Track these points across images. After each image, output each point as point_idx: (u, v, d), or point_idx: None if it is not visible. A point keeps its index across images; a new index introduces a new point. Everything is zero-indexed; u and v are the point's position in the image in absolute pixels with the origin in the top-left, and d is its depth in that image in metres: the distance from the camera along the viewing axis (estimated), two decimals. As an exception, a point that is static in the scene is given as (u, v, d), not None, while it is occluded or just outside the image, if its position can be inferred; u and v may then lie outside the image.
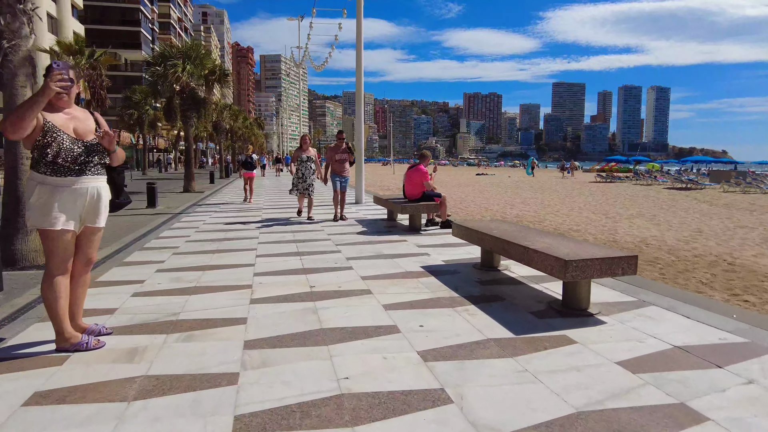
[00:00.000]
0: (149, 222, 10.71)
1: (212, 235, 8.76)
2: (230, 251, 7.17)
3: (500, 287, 5.12)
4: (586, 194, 26.65)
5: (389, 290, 4.98)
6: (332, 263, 6.29)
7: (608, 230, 12.84)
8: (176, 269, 6.04)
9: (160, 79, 18.11)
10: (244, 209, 13.15)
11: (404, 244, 7.61)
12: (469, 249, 7.16)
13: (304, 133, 10.98)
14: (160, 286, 5.23)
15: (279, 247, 7.48)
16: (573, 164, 57.01)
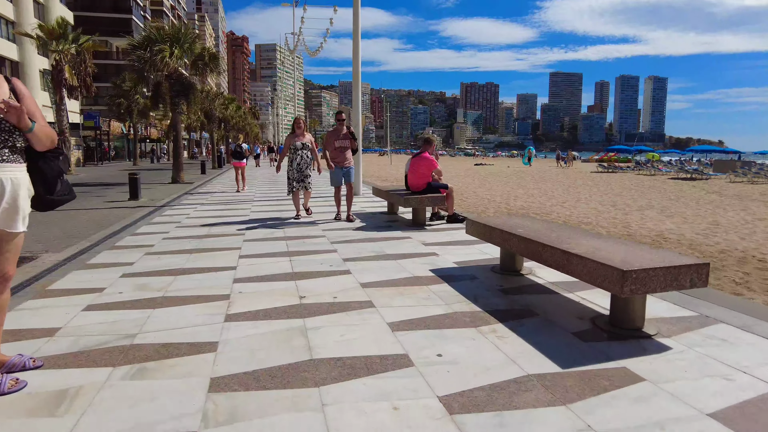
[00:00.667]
0: (127, 216, 9.81)
1: (194, 231, 7.88)
2: (211, 251, 6.29)
3: (528, 297, 4.27)
4: (590, 185, 25.85)
5: (395, 302, 4.12)
6: (327, 266, 5.43)
7: (621, 223, 12.02)
8: (145, 273, 5.17)
9: (146, 64, 17.08)
10: (233, 201, 12.26)
11: (408, 242, 6.75)
12: (482, 247, 6.31)
13: (297, 116, 9.78)
14: (121, 296, 4.36)
15: (267, 245, 6.61)
16: (570, 154, 56.08)
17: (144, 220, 9.21)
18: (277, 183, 18.71)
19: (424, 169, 8.06)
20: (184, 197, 13.53)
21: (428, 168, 8.08)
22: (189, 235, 7.44)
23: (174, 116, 19.08)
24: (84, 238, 7.36)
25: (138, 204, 11.93)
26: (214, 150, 36.24)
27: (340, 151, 8.62)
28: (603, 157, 63.45)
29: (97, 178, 23.39)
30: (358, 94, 13.54)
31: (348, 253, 6.09)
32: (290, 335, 3.41)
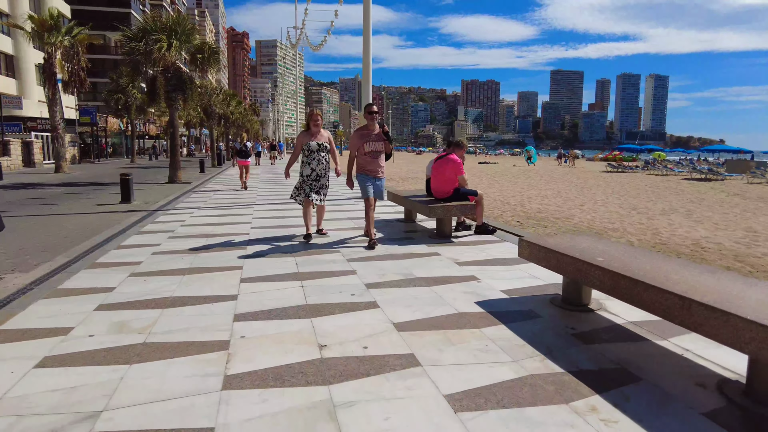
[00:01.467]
0: (116, 223, 8.83)
1: (189, 243, 6.90)
2: (207, 271, 5.32)
3: (616, 348, 3.30)
4: (603, 185, 24.88)
5: (445, 356, 3.16)
6: (347, 295, 4.45)
7: (649, 229, 11.05)
8: (126, 305, 4.20)
9: (141, 57, 16.06)
10: (233, 205, 11.28)
11: (438, 261, 5.78)
12: (528, 269, 5.34)
13: (312, 109, 7.58)
14: (90, 343, 3.39)
15: (272, 263, 5.63)
16: (572, 153, 54.99)
17: (134, 228, 8.23)
18: (279, 182, 17.73)
19: (451, 173, 7.09)
20: (181, 199, 12.55)
21: (455, 172, 7.10)
22: (183, 249, 6.47)
23: (170, 112, 18.07)
24: (62, 252, 6.39)
25: (129, 208, 10.95)
26: (214, 147, 35.21)
27: (372, 156, 6.58)
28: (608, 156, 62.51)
29: (91, 176, 22.40)
30: (368, 88, 12.56)
31: (370, 275, 5.12)
32: (313, 419, 2.44)
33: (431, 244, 6.67)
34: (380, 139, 6.60)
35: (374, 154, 6.59)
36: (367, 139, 6.59)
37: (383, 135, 6.62)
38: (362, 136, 6.61)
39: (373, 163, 6.59)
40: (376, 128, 6.63)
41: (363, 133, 6.63)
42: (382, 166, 6.67)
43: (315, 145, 6.92)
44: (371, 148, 6.59)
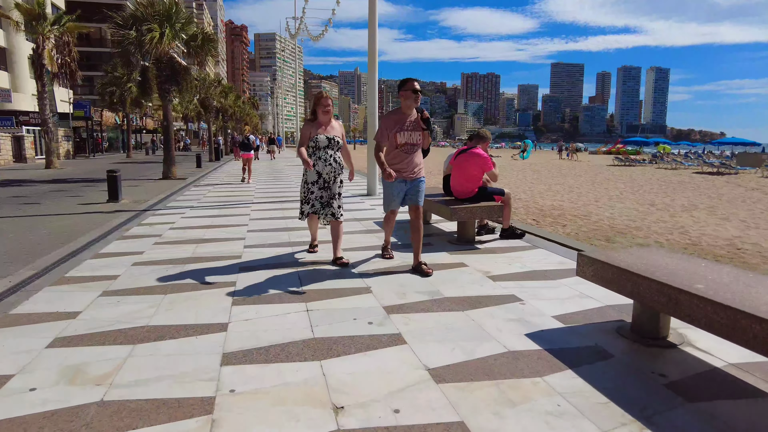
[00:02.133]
0: (99, 225, 7.97)
1: (177, 250, 6.04)
2: (194, 288, 4.46)
3: (735, 408, 2.45)
4: (613, 179, 24.05)
5: (508, 427, 2.31)
6: (364, 323, 3.60)
7: (675, 228, 10.19)
8: (87, 338, 3.35)
9: (132, 45, 15.12)
10: (229, 203, 10.41)
11: (466, 274, 4.92)
12: (575, 283, 4.48)
13: (320, 91, 5.53)
14: (25, 406, 2.54)
15: (271, 278, 4.78)
16: (572, 146, 53.96)
17: (117, 231, 7.37)
18: (278, 178, 16.84)
19: (476, 170, 6.21)
20: (174, 197, 11.69)
21: (481, 168, 6.23)
22: (168, 258, 5.61)
23: (164, 104, 17.15)
24: (28, 263, 5.53)
25: (116, 207, 10.08)
26: (211, 141, 34.27)
27: (406, 151, 4.95)
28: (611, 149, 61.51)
29: (83, 172, 21.51)
30: (374, 83, 11.66)
31: (388, 294, 4.26)
32: None
33: (454, 252, 5.81)
34: (418, 128, 4.94)
35: (409, 149, 4.94)
36: (401, 126, 4.88)
37: (423, 123, 4.96)
38: (395, 123, 4.88)
39: (406, 160, 4.95)
40: (413, 114, 4.94)
41: (396, 119, 4.90)
42: (418, 164, 5.06)
43: (324, 140, 5.16)
44: (406, 139, 4.89)
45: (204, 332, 3.45)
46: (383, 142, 4.94)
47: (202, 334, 3.42)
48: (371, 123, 11.58)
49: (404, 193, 5.03)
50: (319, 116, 5.24)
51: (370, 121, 11.67)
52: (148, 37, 15.18)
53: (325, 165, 5.22)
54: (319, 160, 5.20)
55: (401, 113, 4.95)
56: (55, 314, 3.82)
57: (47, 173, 20.59)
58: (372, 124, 11.56)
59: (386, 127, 4.91)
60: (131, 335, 3.41)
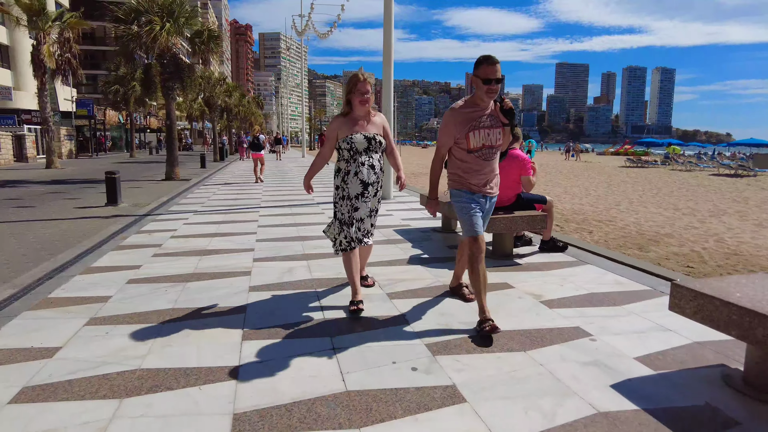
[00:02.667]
0: (94, 233, 7.30)
1: (178, 264, 5.36)
2: (196, 316, 3.78)
3: None
4: (630, 182, 23.31)
5: None
6: (406, 369, 2.90)
7: (708, 235, 9.46)
8: (63, 390, 2.67)
9: (132, 41, 14.46)
10: (234, 208, 9.73)
11: (515, 298, 4.22)
12: (645, 311, 3.78)
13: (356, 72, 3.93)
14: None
15: (287, 302, 4.09)
16: (577, 147, 53.31)
17: (113, 240, 6.70)
18: (286, 179, 16.14)
19: (516, 175, 5.50)
20: (176, 200, 11.02)
21: (520, 172, 5.52)
22: (168, 275, 4.93)
23: (167, 102, 16.49)
24: (8, 280, 4.86)
25: (115, 212, 9.41)
26: (216, 140, 33.63)
27: (483, 157, 3.59)
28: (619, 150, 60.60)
29: (84, 172, 20.88)
30: (390, 77, 10.98)
31: (429, 326, 3.56)
32: None
33: (492, 269, 5.10)
34: (497, 124, 3.56)
35: (487, 153, 3.56)
36: (475, 124, 3.50)
37: (503, 116, 3.54)
38: (466, 120, 3.51)
39: (485, 170, 3.59)
40: (489, 106, 3.55)
41: (467, 115, 3.52)
42: (497, 175, 3.73)
43: (362, 141, 3.79)
44: (482, 141, 3.52)
45: (209, 379, 2.77)
46: (444, 151, 3.68)
47: (206, 383, 2.73)
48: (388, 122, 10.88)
49: (485, 214, 3.73)
50: (354, 108, 3.85)
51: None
52: (146, 29, 14.49)
53: (371, 174, 3.84)
54: (361, 168, 3.80)
55: (474, 105, 3.54)
56: (28, 352, 3.15)
57: (47, 173, 19.98)
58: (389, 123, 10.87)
59: (454, 126, 3.53)
60: (118, 384, 2.72)
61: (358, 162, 3.82)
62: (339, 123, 3.89)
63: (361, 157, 3.83)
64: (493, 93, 3.47)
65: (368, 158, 3.85)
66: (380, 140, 3.88)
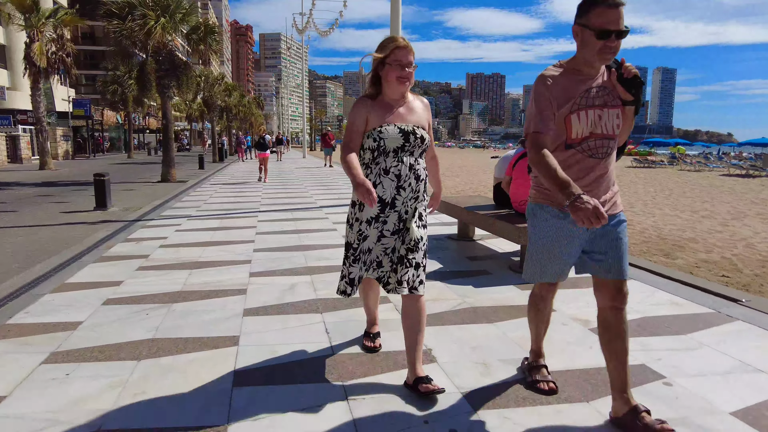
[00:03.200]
0: (76, 242, 6.66)
1: (163, 281, 4.71)
2: (183, 349, 3.14)
3: None
4: (640, 183, 22.66)
5: None
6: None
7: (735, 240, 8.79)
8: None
9: (125, 37, 13.82)
10: (232, 212, 9.09)
11: (557, 323, 3.57)
12: (718, 341, 3.14)
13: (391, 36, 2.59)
14: None
15: (288, 330, 3.45)
16: None
17: (97, 249, 6.05)
18: (286, 180, 15.50)
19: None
20: (171, 203, 10.38)
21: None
22: (151, 293, 4.28)
23: (163, 101, 15.85)
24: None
25: (103, 216, 8.77)
26: (215, 141, 32.99)
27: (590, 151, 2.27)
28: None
29: (78, 174, 20.22)
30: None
31: (461, 364, 2.92)
32: None
33: (523, 286, 4.45)
34: (613, 102, 2.30)
35: (596, 148, 2.28)
36: (581, 101, 2.26)
37: (625, 90, 2.27)
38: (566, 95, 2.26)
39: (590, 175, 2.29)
40: (601, 73, 2.33)
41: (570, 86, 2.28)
42: (613, 181, 2.40)
43: (396, 136, 2.56)
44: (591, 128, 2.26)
45: (188, 447, 2.12)
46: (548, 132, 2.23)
47: (183, 453, 2.08)
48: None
49: (584, 244, 2.36)
50: (388, 87, 2.58)
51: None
52: (140, 22, 13.83)
53: (397, 185, 2.57)
54: (385, 176, 2.57)
55: (576, 72, 2.30)
56: (-36, 404, 2.50)
57: (39, 175, 19.34)
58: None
59: (554, 100, 2.24)
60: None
61: (382, 167, 2.57)
62: (366, 107, 2.59)
63: (390, 160, 2.55)
64: (610, 53, 2.18)
65: (399, 163, 2.56)
66: (422, 135, 2.59)
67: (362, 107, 2.62)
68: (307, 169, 23.18)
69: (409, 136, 2.57)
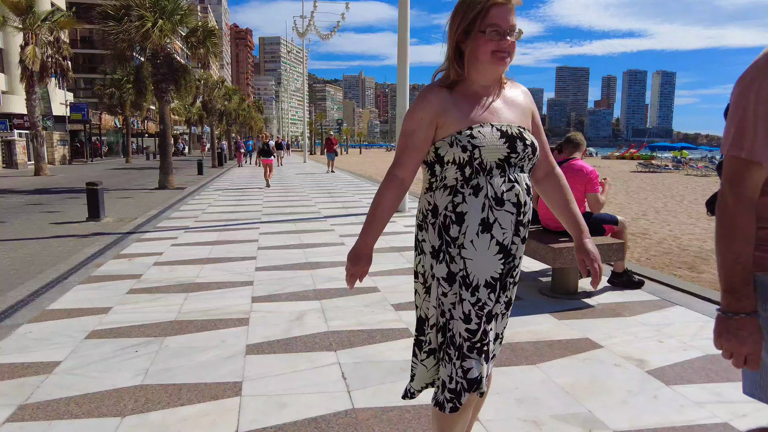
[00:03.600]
0: (62, 258, 6.18)
1: (155, 308, 4.23)
2: (168, 408, 2.65)
3: None
4: (649, 188, 22.20)
5: None
6: None
7: None
8: None
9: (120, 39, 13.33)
10: (232, 224, 8.60)
11: (609, 365, 3.08)
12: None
13: None
14: None
15: (296, 373, 2.97)
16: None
17: (85, 268, 5.57)
18: (288, 187, 14.99)
19: (581, 191, 4.38)
20: (168, 213, 9.90)
21: (585, 188, 4.41)
22: (141, 324, 3.80)
23: (160, 105, 15.38)
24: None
25: (95, 229, 8.28)
26: (214, 146, 32.52)
27: None
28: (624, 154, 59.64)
29: (73, 180, 19.74)
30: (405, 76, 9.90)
31: (511, 424, 2.43)
32: None
33: (561, 314, 3.96)
34: None
35: None
36: None
37: None
38: None
39: None
40: None
41: None
42: None
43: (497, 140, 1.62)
44: None
45: None
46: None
47: None
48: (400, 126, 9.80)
49: None
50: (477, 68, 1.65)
51: (399, 126, 9.89)
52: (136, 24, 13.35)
53: (516, 221, 1.66)
54: (499, 209, 1.62)
55: None
56: None
57: (33, 181, 18.85)
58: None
59: None
60: None
61: (493, 195, 1.61)
62: (441, 102, 1.66)
63: (497, 180, 1.62)
64: None
65: (516, 184, 1.64)
66: (532, 142, 1.69)
67: (432, 103, 1.65)
68: (309, 174, 22.70)
69: (516, 143, 1.62)
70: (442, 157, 1.63)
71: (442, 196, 1.64)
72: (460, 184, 1.62)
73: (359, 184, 17.12)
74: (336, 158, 24.16)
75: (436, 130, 1.65)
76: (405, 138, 1.69)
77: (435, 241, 1.66)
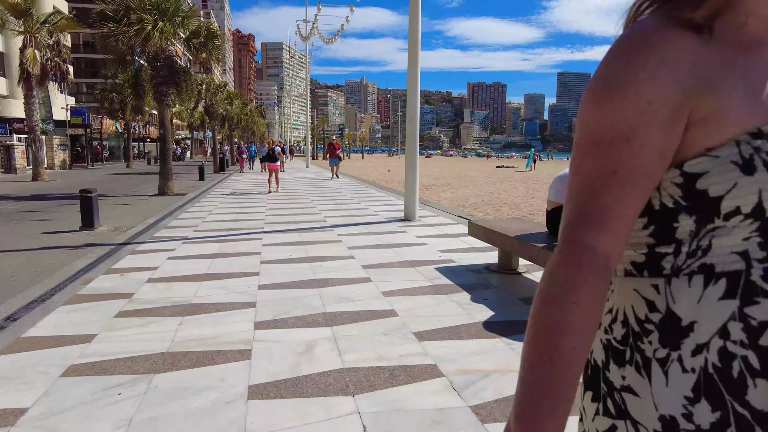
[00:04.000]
0: (49, 273, 5.69)
1: (146, 336, 3.74)
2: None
3: None
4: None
5: None
6: None
7: None
8: None
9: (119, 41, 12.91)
10: (233, 233, 8.10)
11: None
12: None
13: None
14: None
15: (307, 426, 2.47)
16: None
17: (72, 285, 5.08)
18: (291, 194, 14.48)
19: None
20: (166, 221, 9.42)
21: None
22: (128, 356, 3.31)
23: (160, 109, 14.92)
24: None
25: (88, 239, 7.79)
26: (216, 150, 32.08)
27: None
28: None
29: (71, 186, 19.28)
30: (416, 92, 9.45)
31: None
32: None
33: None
34: None
35: None
36: None
37: None
38: None
39: None
40: None
41: None
42: None
43: None
44: None
45: None
46: None
47: None
48: (411, 132, 9.35)
49: None
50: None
51: (410, 129, 9.44)
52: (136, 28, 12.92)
53: None
54: None
55: None
56: None
57: (30, 187, 18.39)
58: (412, 133, 9.33)
59: None
60: None
61: None
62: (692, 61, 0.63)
63: None
64: None
65: None
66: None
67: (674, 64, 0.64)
68: (312, 180, 22.23)
69: None
70: (709, 196, 0.66)
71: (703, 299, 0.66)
72: (762, 270, 0.64)
73: (364, 191, 16.63)
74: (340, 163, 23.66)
75: (686, 130, 0.66)
76: (601, 155, 0.69)
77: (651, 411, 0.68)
